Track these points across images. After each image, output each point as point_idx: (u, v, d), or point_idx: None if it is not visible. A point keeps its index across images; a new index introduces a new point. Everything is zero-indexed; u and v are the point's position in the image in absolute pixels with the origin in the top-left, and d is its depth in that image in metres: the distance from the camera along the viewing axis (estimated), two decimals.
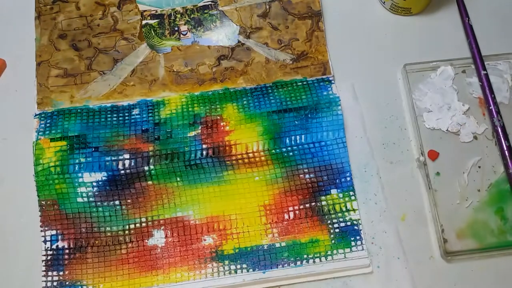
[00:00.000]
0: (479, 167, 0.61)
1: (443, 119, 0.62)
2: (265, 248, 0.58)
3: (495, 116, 0.61)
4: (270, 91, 0.63)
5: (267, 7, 0.67)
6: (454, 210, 0.60)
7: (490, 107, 0.62)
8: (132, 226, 0.59)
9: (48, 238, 0.58)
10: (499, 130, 0.61)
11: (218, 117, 0.62)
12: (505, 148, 0.60)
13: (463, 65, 0.65)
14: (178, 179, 0.60)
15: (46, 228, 0.59)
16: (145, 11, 0.67)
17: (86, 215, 0.59)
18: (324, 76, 0.64)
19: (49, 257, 0.58)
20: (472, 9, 0.67)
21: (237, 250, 0.58)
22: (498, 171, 0.61)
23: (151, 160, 0.60)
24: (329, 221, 0.59)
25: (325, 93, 0.63)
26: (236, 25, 0.66)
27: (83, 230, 0.59)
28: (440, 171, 0.61)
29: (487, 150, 0.62)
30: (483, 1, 0.68)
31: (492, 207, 0.60)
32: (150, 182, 0.60)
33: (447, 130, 0.62)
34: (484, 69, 0.63)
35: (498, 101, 0.62)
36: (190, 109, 0.62)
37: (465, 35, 0.66)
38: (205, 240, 0.59)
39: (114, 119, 0.62)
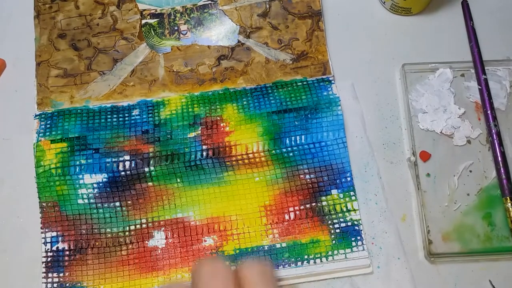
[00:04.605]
0: (470, 171, 0.61)
1: (438, 121, 0.62)
2: (266, 248, 0.58)
3: (492, 121, 0.61)
4: (270, 91, 0.63)
5: (267, 6, 0.66)
6: (442, 212, 0.60)
7: (487, 112, 0.62)
8: (132, 227, 0.59)
9: (48, 240, 0.58)
10: (495, 135, 0.61)
11: (218, 118, 0.62)
12: (498, 154, 0.60)
13: (462, 69, 0.65)
14: (178, 180, 0.60)
15: (46, 230, 0.59)
16: (144, 10, 0.67)
17: (87, 217, 0.59)
18: (324, 76, 0.64)
19: (49, 259, 0.58)
20: (475, 13, 0.67)
21: (237, 251, 0.58)
22: (489, 177, 0.61)
23: (151, 161, 0.60)
24: (329, 222, 0.59)
25: (325, 93, 0.63)
26: (236, 24, 0.66)
27: (84, 231, 0.59)
28: (430, 173, 0.61)
29: (480, 155, 0.62)
30: (486, 6, 0.68)
31: (480, 212, 0.60)
32: (150, 183, 0.60)
33: (441, 132, 0.62)
34: (484, 73, 0.63)
35: (495, 107, 0.62)
36: (190, 109, 0.62)
37: (467, 38, 0.66)
38: (205, 241, 0.59)
39: (114, 120, 0.62)
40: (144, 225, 0.59)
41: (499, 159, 0.60)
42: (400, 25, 0.67)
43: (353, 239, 0.58)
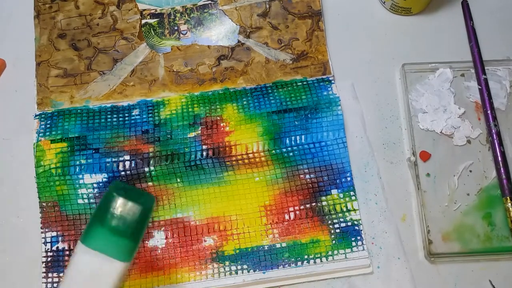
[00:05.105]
0: (470, 171, 0.61)
1: (438, 121, 0.62)
2: (266, 248, 0.58)
3: (492, 120, 0.61)
4: (270, 91, 0.63)
5: (267, 6, 0.66)
6: (442, 212, 0.60)
7: (487, 112, 0.62)
8: None
9: (48, 240, 0.58)
10: (495, 135, 0.61)
11: (218, 118, 0.62)
12: (498, 154, 0.60)
13: (462, 69, 0.65)
14: (178, 180, 0.60)
15: (46, 230, 0.59)
16: (144, 10, 0.67)
17: (87, 217, 0.59)
18: (324, 76, 0.64)
19: (49, 259, 0.58)
20: (475, 13, 0.67)
21: (237, 251, 0.58)
22: (489, 177, 0.61)
23: (151, 161, 0.60)
24: (329, 221, 0.59)
25: (325, 93, 0.63)
26: (236, 24, 0.66)
27: None
28: (430, 173, 0.61)
29: (480, 155, 0.62)
30: (486, 6, 0.68)
31: (480, 212, 0.60)
32: (150, 183, 0.60)
33: (441, 132, 0.62)
34: (484, 73, 0.63)
35: (495, 107, 0.62)
36: (190, 109, 0.62)
37: (467, 38, 0.66)
38: (205, 241, 0.59)
39: (114, 120, 0.62)
40: None
41: (499, 159, 0.60)
42: (400, 25, 0.67)
43: (353, 239, 0.58)
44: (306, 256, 0.58)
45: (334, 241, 0.58)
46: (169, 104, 0.63)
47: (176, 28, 0.66)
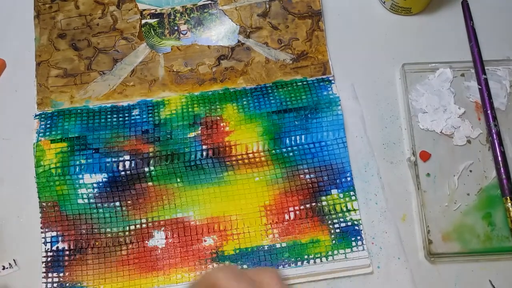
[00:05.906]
0: (471, 171, 0.61)
1: (438, 121, 0.62)
2: (266, 248, 0.58)
3: (492, 120, 0.61)
4: (270, 91, 0.63)
5: (267, 6, 0.66)
6: (442, 212, 0.60)
7: (487, 111, 0.62)
8: (132, 227, 0.59)
9: (48, 240, 0.58)
10: (495, 135, 0.61)
11: (218, 118, 0.62)
12: (498, 153, 0.60)
13: (462, 69, 0.65)
14: (178, 180, 0.60)
15: (46, 230, 0.59)
16: (144, 10, 0.67)
17: (87, 217, 0.59)
18: (324, 76, 0.64)
19: (49, 259, 0.58)
20: (475, 13, 0.67)
21: (237, 251, 0.58)
22: (489, 177, 0.61)
23: (151, 161, 0.60)
24: (329, 221, 0.59)
25: (325, 93, 0.63)
26: (236, 24, 0.66)
27: (84, 231, 0.59)
28: (430, 173, 0.61)
29: (480, 155, 0.62)
30: (486, 6, 0.68)
31: (480, 212, 0.60)
32: (150, 183, 0.60)
33: (441, 132, 0.62)
34: (484, 73, 0.63)
35: (495, 107, 0.62)
36: (190, 109, 0.62)
37: (467, 38, 0.66)
38: (205, 241, 0.59)
39: (114, 120, 0.62)
40: (144, 225, 0.59)
41: (499, 159, 0.60)
42: (400, 25, 0.67)
43: (353, 239, 0.58)
44: (306, 256, 0.58)
45: (334, 241, 0.58)
46: (169, 104, 0.63)
47: (176, 28, 0.66)
